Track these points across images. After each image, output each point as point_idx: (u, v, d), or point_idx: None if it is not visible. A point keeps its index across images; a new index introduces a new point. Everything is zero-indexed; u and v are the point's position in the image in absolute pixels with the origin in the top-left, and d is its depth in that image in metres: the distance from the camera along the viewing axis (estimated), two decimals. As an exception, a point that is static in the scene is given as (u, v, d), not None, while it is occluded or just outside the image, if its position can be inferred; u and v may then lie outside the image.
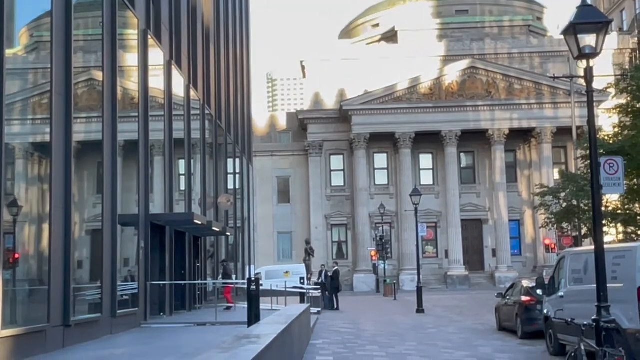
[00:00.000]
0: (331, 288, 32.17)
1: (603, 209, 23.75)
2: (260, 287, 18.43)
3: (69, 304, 13.55)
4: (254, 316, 17.02)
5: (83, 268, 16.16)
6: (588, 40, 9.56)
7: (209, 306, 25.66)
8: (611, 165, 16.90)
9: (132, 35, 19.13)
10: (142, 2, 19.67)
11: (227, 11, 34.82)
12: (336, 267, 34.02)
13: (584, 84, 10.02)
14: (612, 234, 30.37)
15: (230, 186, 34.22)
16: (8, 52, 11.91)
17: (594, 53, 9.57)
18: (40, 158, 13.81)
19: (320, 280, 33.01)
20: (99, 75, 16.40)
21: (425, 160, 54.82)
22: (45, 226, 13.18)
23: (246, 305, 18.50)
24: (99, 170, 16.52)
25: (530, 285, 18.33)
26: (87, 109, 16.32)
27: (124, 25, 18.47)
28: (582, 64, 9.78)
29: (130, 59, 19.21)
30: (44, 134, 13.54)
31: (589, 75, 9.70)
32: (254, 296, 17.65)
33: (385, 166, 55.17)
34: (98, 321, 15.65)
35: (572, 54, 9.83)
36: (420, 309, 27.89)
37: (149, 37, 19.92)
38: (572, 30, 9.62)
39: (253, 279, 19.28)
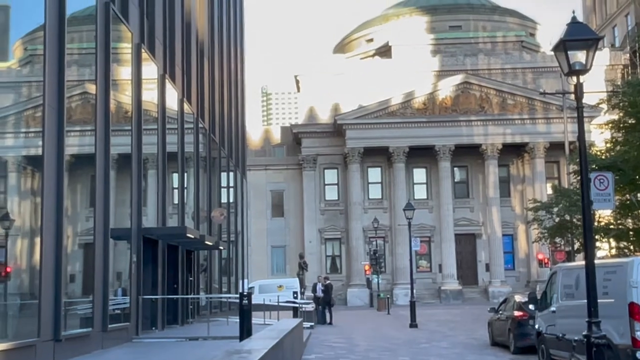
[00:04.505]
0: (323, 302, 32.18)
1: (595, 224, 23.87)
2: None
3: (59, 318, 13.47)
4: (245, 331, 16.96)
5: (75, 282, 16.11)
6: (578, 56, 9.65)
7: (201, 320, 25.55)
8: (601, 180, 17.00)
9: (125, 49, 19.17)
10: (136, 16, 19.73)
11: (221, 25, 34.93)
12: (328, 282, 33.98)
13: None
14: (604, 249, 30.43)
15: (224, 200, 34.18)
16: (2, 65, 11.94)
17: (584, 69, 9.66)
18: (33, 171, 13.79)
19: (314, 294, 33.07)
20: (92, 88, 16.40)
21: (419, 174, 54.92)
22: (37, 240, 13.13)
23: (238, 320, 18.45)
24: (91, 184, 16.49)
25: (523, 300, 18.35)
26: (81, 122, 16.32)
27: (118, 39, 18.52)
28: (573, 80, 9.86)
29: (123, 72, 19.24)
30: (37, 147, 13.53)
31: (579, 91, 9.78)
32: (245, 310, 17.60)
33: (379, 180, 55.23)
34: (89, 335, 15.55)
35: (562, 70, 9.91)
36: (413, 324, 27.84)
37: (143, 50, 19.97)
38: (562, 46, 9.71)
39: (245, 293, 19.24)
